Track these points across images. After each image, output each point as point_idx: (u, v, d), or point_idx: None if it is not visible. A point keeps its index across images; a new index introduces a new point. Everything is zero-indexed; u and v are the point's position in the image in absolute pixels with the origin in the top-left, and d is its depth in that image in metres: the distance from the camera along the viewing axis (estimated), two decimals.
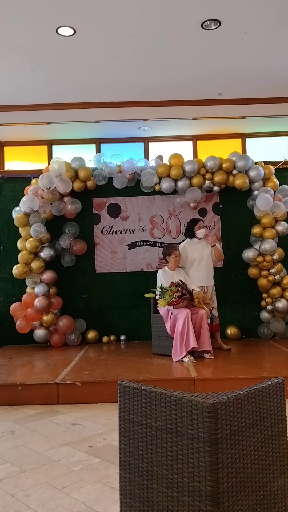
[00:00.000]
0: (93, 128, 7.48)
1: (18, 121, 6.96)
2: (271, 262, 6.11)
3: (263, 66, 5.72)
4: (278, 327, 6.20)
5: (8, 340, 6.51)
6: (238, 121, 7.37)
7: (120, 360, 5.20)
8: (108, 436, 3.34)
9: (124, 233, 6.69)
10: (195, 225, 5.61)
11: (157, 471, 1.66)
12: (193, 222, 5.68)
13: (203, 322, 5.03)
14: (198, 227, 5.59)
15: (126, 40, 5.02)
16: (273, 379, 1.80)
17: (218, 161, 6.25)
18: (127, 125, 7.36)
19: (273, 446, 1.73)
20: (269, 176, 6.32)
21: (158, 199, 6.68)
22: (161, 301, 5.10)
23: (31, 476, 2.71)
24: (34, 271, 6.18)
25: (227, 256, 6.46)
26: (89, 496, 2.43)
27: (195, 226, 5.60)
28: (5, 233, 6.66)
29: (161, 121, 7.20)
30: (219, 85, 6.23)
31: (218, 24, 4.74)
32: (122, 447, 1.80)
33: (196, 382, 4.26)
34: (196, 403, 1.53)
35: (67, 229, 6.47)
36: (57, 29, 4.77)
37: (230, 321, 6.44)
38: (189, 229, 5.69)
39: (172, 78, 5.97)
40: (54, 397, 4.24)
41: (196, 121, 7.29)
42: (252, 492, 1.62)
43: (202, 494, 1.50)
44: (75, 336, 6.35)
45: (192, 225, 5.64)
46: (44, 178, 6.07)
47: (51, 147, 8.05)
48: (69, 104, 6.61)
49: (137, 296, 6.36)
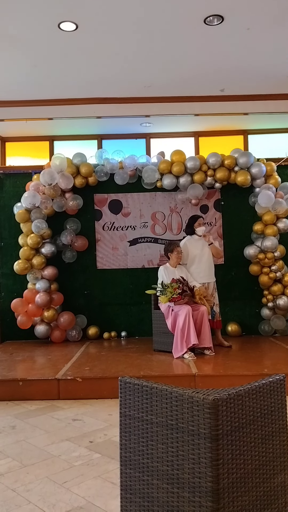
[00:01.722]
0: (95, 124, 7.46)
1: (20, 117, 6.95)
2: (273, 259, 6.11)
3: (266, 62, 5.69)
4: (278, 324, 6.20)
5: (9, 335, 6.52)
6: (240, 118, 7.35)
7: (120, 356, 5.21)
8: (108, 432, 3.35)
9: (125, 229, 6.69)
10: (195, 222, 5.61)
11: (157, 467, 1.67)
12: (193, 219, 5.68)
13: (204, 319, 5.03)
14: (198, 224, 5.59)
15: (128, 35, 5.00)
16: (274, 376, 1.81)
17: (220, 157, 6.24)
18: (129, 121, 7.34)
19: (273, 443, 1.73)
20: (271, 173, 6.30)
21: (160, 196, 6.67)
22: (162, 298, 5.11)
23: (31, 471, 2.72)
24: (35, 267, 6.19)
25: (228, 253, 6.47)
26: (90, 491, 2.44)
27: (195, 223, 5.60)
28: (7, 229, 6.66)
29: (163, 117, 7.18)
30: (222, 81, 6.20)
31: (221, 19, 4.71)
32: (123, 442, 1.81)
33: (197, 378, 4.27)
34: (197, 399, 1.53)
35: (68, 225, 6.47)
36: (59, 24, 4.75)
37: (231, 318, 6.44)
38: (189, 226, 5.69)
39: (175, 74, 5.95)
40: (54, 392, 4.25)
41: (198, 118, 7.27)
42: (253, 488, 1.62)
43: (202, 490, 1.50)
44: (76, 332, 6.36)
45: (192, 222, 5.64)
46: (45, 174, 6.06)
47: (52, 143, 8.04)
48: (71, 100, 6.59)
49: (138, 292, 6.37)
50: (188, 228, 5.72)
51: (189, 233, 5.68)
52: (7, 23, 4.69)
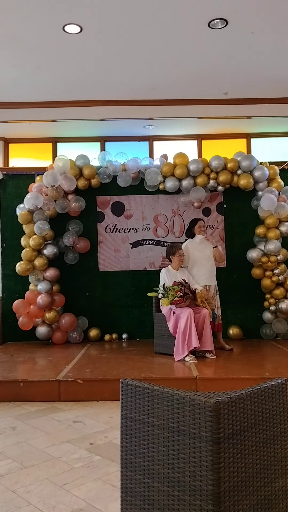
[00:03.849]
0: (98, 126, 7.48)
1: (24, 118, 6.97)
2: (275, 263, 6.10)
3: (270, 66, 5.70)
4: (280, 328, 6.19)
5: (10, 336, 6.52)
6: (243, 121, 7.36)
7: (122, 359, 5.20)
8: (109, 434, 3.34)
9: (127, 231, 6.69)
10: (195, 225, 5.62)
11: (158, 470, 1.66)
12: (193, 223, 5.70)
13: (205, 322, 5.03)
14: (198, 227, 5.60)
15: (132, 38, 5.02)
16: (276, 380, 1.80)
17: (223, 160, 6.24)
18: (132, 124, 7.35)
19: (275, 447, 1.73)
20: (273, 176, 6.30)
21: (162, 198, 6.67)
22: (164, 300, 5.10)
23: (32, 472, 2.72)
24: (37, 268, 6.19)
25: (230, 256, 6.46)
26: (90, 493, 2.43)
27: (195, 226, 5.62)
28: (9, 230, 6.67)
29: (166, 120, 7.19)
30: (225, 84, 6.22)
31: (225, 23, 4.73)
32: (124, 445, 1.80)
33: (198, 381, 4.26)
34: (199, 402, 1.53)
35: (70, 227, 6.48)
36: (64, 27, 4.77)
37: (232, 321, 6.43)
38: (189, 229, 5.71)
39: (178, 77, 5.96)
40: (55, 394, 4.24)
41: (201, 121, 7.28)
42: (253, 492, 1.61)
43: (203, 493, 1.50)
44: (77, 333, 6.35)
45: (192, 225, 5.65)
46: (48, 176, 6.07)
47: (56, 145, 8.06)
48: (75, 102, 6.61)
49: (139, 294, 6.37)
50: (188, 231, 5.74)
51: (189, 236, 5.70)
52: (12, 25, 4.71)
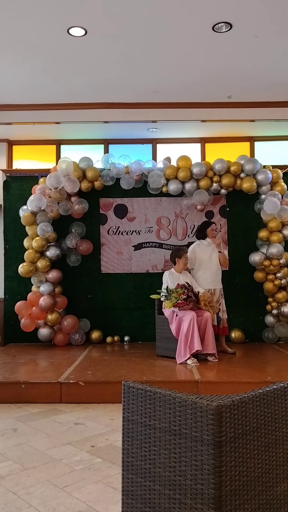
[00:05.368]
0: (102, 128, 7.49)
1: (27, 120, 6.99)
2: (278, 266, 6.09)
3: (274, 69, 5.71)
4: (282, 331, 6.17)
5: (12, 338, 6.52)
6: (247, 124, 7.35)
7: (123, 361, 5.20)
8: (110, 437, 3.33)
9: (130, 234, 6.69)
10: (208, 227, 5.62)
11: (160, 473, 1.66)
12: (205, 225, 5.69)
13: (208, 325, 5.02)
14: (211, 230, 5.60)
15: (136, 41, 5.03)
16: (278, 383, 1.80)
17: (226, 164, 6.24)
18: (136, 126, 7.36)
19: (277, 451, 1.72)
20: (277, 180, 6.30)
21: (165, 201, 6.68)
22: (167, 303, 5.10)
23: (33, 474, 2.71)
24: (40, 270, 6.20)
25: (232, 259, 6.45)
26: (91, 496, 2.43)
27: (208, 228, 5.61)
28: (12, 232, 6.68)
29: (169, 123, 7.19)
30: (229, 88, 6.23)
31: (229, 27, 4.74)
32: (125, 447, 1.80)
33: (200, 384, 4.25)
34: (201, 405, 1.52)
35: (73, 229, 6.49)
36: (69, 30, 4.79)
37: (234, 325, 6.42)
38: (201, 230, 5.69)
39: (182, 80, 5.97)
40: (57, 396, 4.24)
41: (205, 124, 7.28)
42: (255, 496, 1.61)
43: (204, 497, 1.49)
44: (79, 335, 6.35)
45: (205, 227, 5.64)
46: (51, 178, 6.08)
47: (59, 147, 8.07)
48: (78, 104, 6.63)
49: (141, 297, 6.37)
50: (200, 232, 5.72)
51: (200, 237, 5.67)
52: (17, 27, 4.73)
